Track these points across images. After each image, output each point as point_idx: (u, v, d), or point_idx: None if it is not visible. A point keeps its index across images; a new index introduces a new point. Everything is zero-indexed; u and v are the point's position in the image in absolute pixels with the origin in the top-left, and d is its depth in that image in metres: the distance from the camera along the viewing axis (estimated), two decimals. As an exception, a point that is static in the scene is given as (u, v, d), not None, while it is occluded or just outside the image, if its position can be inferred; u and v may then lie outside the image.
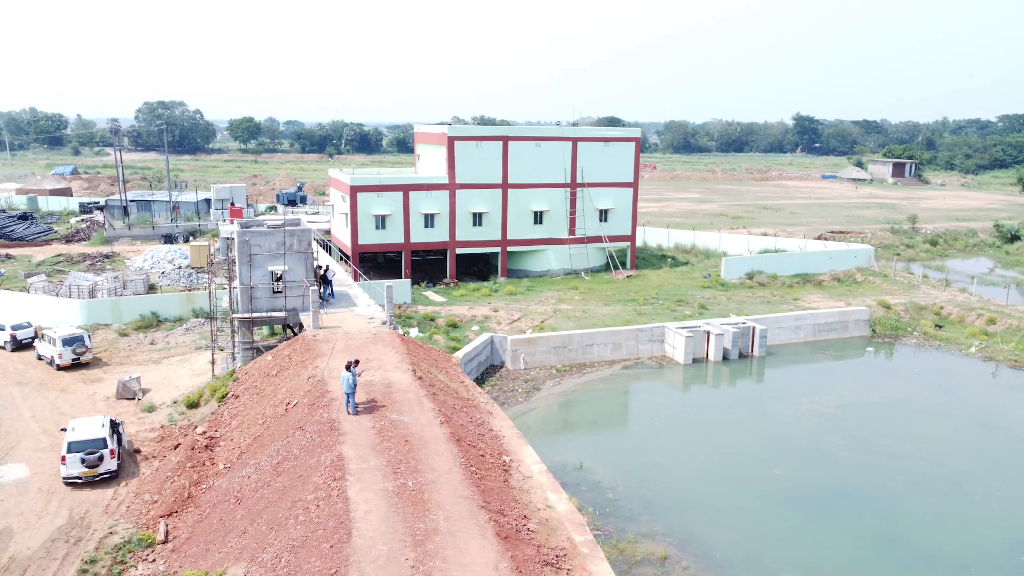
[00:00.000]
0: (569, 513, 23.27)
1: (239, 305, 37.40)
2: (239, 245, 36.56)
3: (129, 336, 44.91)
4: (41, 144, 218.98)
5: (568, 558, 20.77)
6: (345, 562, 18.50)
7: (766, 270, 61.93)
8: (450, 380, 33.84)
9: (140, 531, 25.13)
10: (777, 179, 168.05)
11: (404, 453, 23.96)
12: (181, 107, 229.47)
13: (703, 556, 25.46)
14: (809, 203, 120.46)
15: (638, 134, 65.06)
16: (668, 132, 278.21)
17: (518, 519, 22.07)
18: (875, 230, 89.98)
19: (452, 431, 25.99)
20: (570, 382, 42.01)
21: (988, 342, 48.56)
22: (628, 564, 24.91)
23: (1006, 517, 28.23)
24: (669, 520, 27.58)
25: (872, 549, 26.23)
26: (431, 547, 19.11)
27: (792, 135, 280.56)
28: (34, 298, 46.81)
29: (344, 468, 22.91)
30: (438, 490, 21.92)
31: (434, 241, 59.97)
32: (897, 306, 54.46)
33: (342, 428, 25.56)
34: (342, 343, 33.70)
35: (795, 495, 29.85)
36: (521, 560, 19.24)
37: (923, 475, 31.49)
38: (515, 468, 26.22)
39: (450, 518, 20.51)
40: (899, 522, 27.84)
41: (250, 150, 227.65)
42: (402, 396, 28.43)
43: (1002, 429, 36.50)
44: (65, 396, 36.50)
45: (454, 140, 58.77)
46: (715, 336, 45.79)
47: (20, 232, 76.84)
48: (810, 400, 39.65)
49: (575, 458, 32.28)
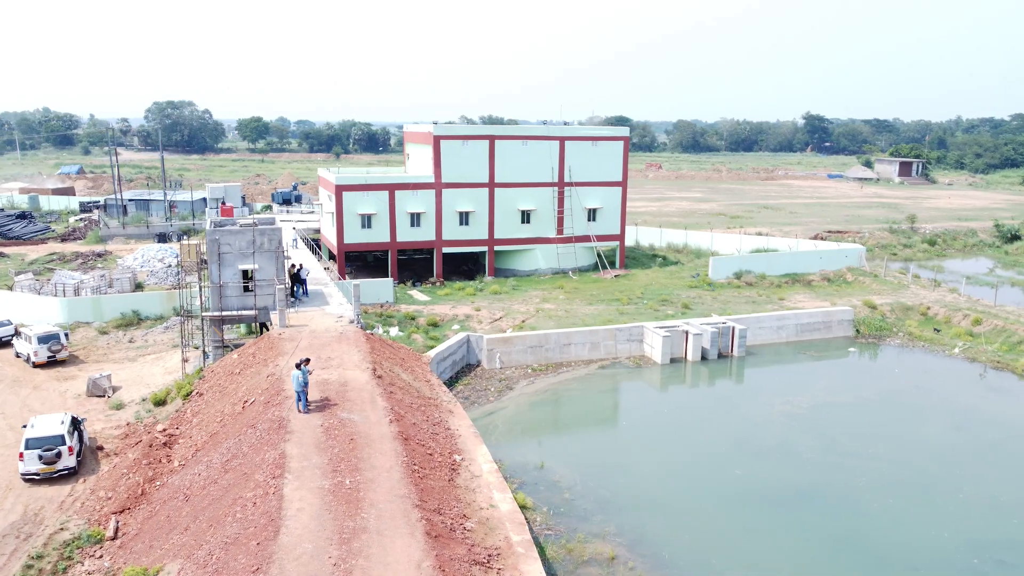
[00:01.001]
0: (511, 512, 23.22)
1: (210, 303, 37.58)
2: (209, 244, 36.76)
3: (109, 334, 45.25)
4: (52, 144, 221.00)
5: (501, 557, 20.73)
6: (269, 559, 18.55)
7: (755, 270, 61.59)
8: (414, 379, 33.87)
9: (91, 527, 25.27)
10: (782, 178, 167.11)
11: (347, 451, 24.00)
12: (190, 107, 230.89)
13: (651, 556, 25.34)
14: (811, 203, 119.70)
15: (627, 133, 64.90)
16: (677, 131, 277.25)
17: (456, 518, 22.06)
18: (873, 230, 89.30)
19: (401, 430, 26.01)
20: (544, 382, 41.94)
21: (972, 343, 48.08)
22: (575, 564, 24.82)
23: (965, 519, 27.93)
24: (622, 520, 27.47)
25: (824, 550, 26.03)
26: (356, 545, 19.13)
27: (802, 134, 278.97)
28: (16, 296, 47.26)
29: (284, 466, 22.99)
30: (374, 488, 21.95)
31: (420, 240, 60.04)
32: (883, 306, 54.02)
33: (290, 426, 25.64)
34: (306, 341, 33.80)
35: (753, 496, 29.64)
36: (448, 559, 19.22)
37: (887, 476, 31.20)
38: (464, 467, 26.21)
39: (381, 516, 20.53)
40: (855, 524, 27.60)
41: (258, 149, 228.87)
42: (356, 394, 28.47)
43: (975, 430, 36.12)
44: (37, 393, 36.81)
45: (440, 139, 58.82)
46: (693, 336, 45.58)
47: (18, 231, 77.58)
48: (783, 400, 39.40)
49: (537, 457, 32.22)
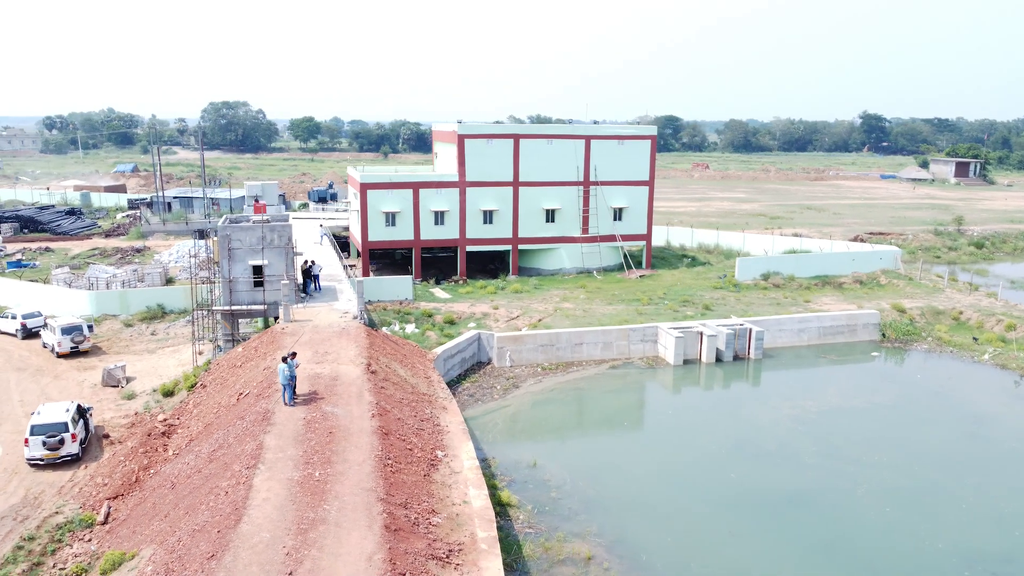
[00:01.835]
0: (483, 509, 23.30)
1: (221, 298, 38.49)
2: (220, 239, 37.65)
3: (133, 326, 46.68)
4: (113, 143, 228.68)
5: (462, 553, 20.82)
6: (225, 547, 18.97)
7: (783, 271, 60.38)
8: (412, 375, 34.17)
9: (84, 512, 26.17)
10: (832, 179, 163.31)
11: (323, 444, 24.37)
12: (244, 107, 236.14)
13: (629, 558, 25.11)
14: (857, 204, 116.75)
15: (654, 132, 64.27)
16: (728, 131, 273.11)
17: (423, 513, 22.21)
18: (918, 231, 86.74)
19: (382, 425, 26.28)
20: (552, 381, 41.85)
21: (1003, 349, 46.38)
22: (550, 563, 24.75)
23: (963, 530, 26.99)
24: (605, 521, 27.27)
25: (809, 557, 25.45)
26: (312, 536, 19.44)
27: (858, 134, 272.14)
28: (48, 289, 49.12)
29: (260, 457, 23.45)
30: (343, 481, 22.25)
31: (444, 238, 60.41)
32: (912, 310, 52.44)
33: (273, 418, 26.14)
34: (307, 336, 34.38)
35: (745, 500, 29.12)
36: (402, 552, 19.38)
37: (888, 484, 30.33)
38: (445, 463, 26.37)
39: (343, 509, 20.80)
40: (846, 531, 26.91)
41: (309, 149, 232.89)
42: (345, 389, 28.87)
43: (989, 439, 34.86)
44: (57, 382, 38.21)
45: (464, 138, 59.10)
46: (708, 337, 44.94)
47: (66, 227, 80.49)
48: (792, 404, 38.59)
49: (531, 456, 32.16)
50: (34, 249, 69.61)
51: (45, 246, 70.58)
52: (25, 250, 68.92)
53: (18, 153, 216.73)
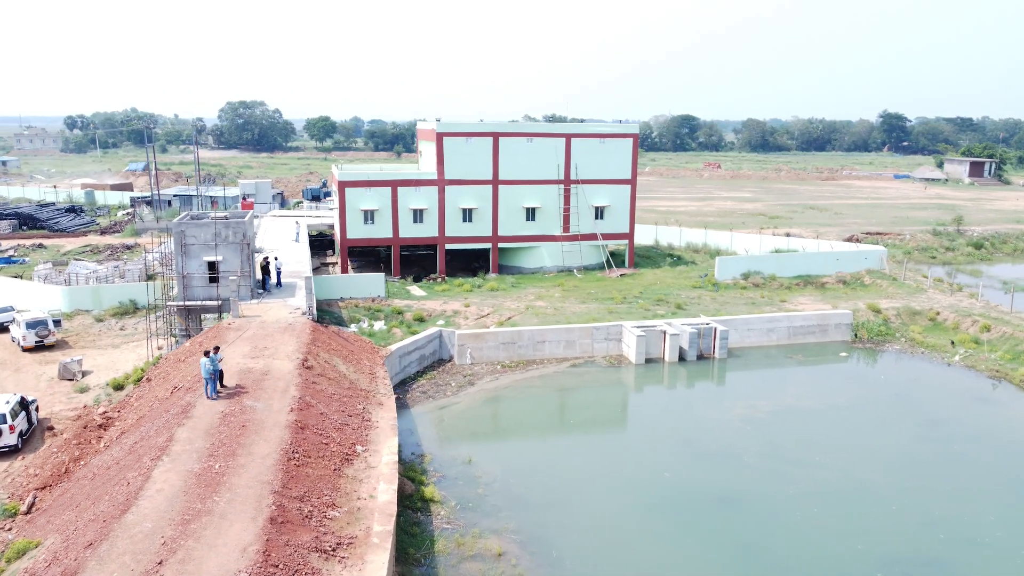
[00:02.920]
0: (385, 504, 23.37)
1: (176, 294, 38.94)
2: (175, 236, 38.10)
3: (104, 321, 47.31)
4: (132, 142, 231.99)
5: (352, 547, 20.90)
6: (106, 536, 19.23)
7: (764, 271, 59.83)
8: (355, 371, 34.34)
9: (11, 502, 26.60)
10: (844, 179, 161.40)
11: (233, 437, 24.58)
12: (261, 107, 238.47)
13: (540, 555, 25.06)
14: (863, 204, 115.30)
15: (636, 131, 64.01)
16: (745, 130, 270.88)
17: (321, 506, 22.33)
18: (916, 231, 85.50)
19: (299, 419, 26.46)
20: (508, 378, 41.84)
21: (976, 350, 45.61)
22: (460, 558, 24.77)
23: (885, 533, 26.60)
24: (526, 518, 27.23)
25: (722, 557, 25.23)
26: (194, 527, 19.62)
27: (878, 134, 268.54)
28: (23, 284, 49.96)
29: (167, 449, 23.72)
30: (242, 474, 22.43)
31: (423, 236, 60.61)
32: (888, 310, 51.73)
33: (192, 412, 26.42)
34: (252, 331, 34.68)
35: (673, 500, 28.92)
36: (282, 544, 19.50)
37: (823, 485, 29.97)
38: (363, 458, 26.48)
39: (233, 501, 20.98)
40: (766, 532, 26.65)
41: (325, 148, 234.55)
42: (272, 383, 29.10)
43: (938, 442, 34.30)
44: (16, 375, 38.85)
45: (443, 136, 59.26)
46: (670, 336, 44.67)
47: (64, 224, 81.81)
48: (745, 404, 38.23)
49: (467, 453, 32.20)
50: (28, 246, 70.86)
51: (39, 243, 71.82)
52: (19, 246, 70.19)
53: (39, 152, 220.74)
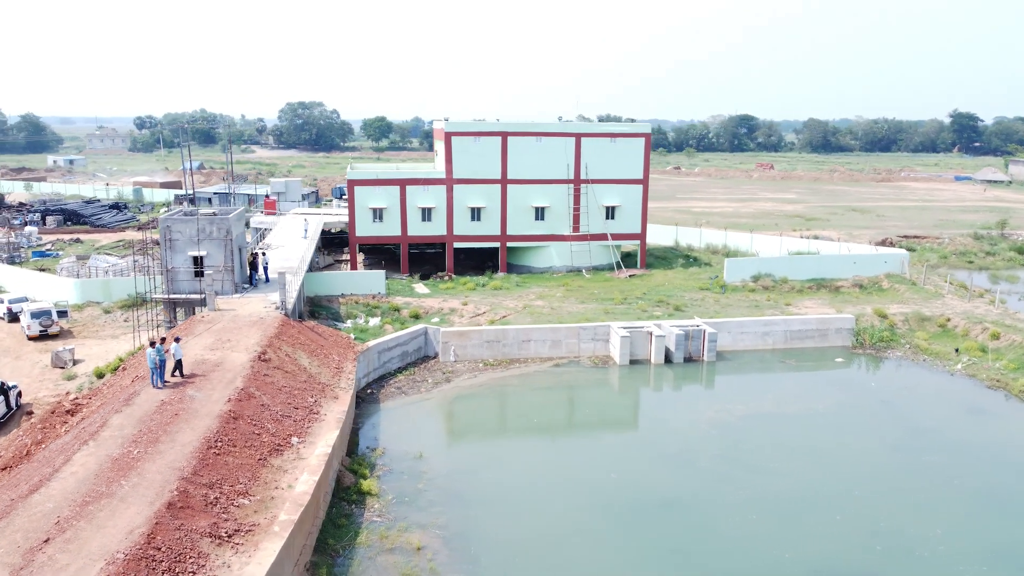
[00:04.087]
0: (300, 495, 23.82)
1: (164, 287, 40.32)
2: (161, 231, 39.45)
3: (112, 313, 49.25)
4: (197, 142, 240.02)
5: (250, 534, 21.40)
6: (7, 514, 20.17)
7: (776, 273, 58.43)
8: (319, 365, 34.99)
9: (-29, 481, 28.01)
10: (902, 180, 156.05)
11: (163, 425, 25.40)
12: (319, 107, 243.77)
13: (459, 551, 25.16)
14: (911, 206, 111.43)
15: (648, 130, 63.29)
16: (806, 131, 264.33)
17: (231, 494, 22.91)
18: (956, 235, 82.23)
19: (235, 409, 27.14)
20: (486, 376, 41.98)
21: (980, 358, 43.72)
22: (378, 551, 25.06)
23: (821, 543, 25.81)
24: (459, 514, 27.34)
25: (647, 562, 24.89)
26: (91, 508, 20.39)
27: (948, 134, 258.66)
28: (38, 276, 52.41)
29: (97, 435, 24.69)
30: (157, 460, 23.18)
31: (431, 235, 61.18)
32: (896, 316, 49.97)
33: (135, 400, 27.39)
34: (222, 324, 35.68)
35: (613, 502, 28.60)
36: (173, 528, 20.08)
37: (772, 492, 29.24)
38: (295, 450, 27.03)
39: (138, 485, 21.71)
40: (698, 537, 26.18)
41: (380, 148, 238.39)
42: (221, 375, 29.91)
43: (912, 451, 33.03)
44: (15, 362, 40.83)
45: (451, 136, 59.73)
46: (656, 338, 44.11)
47: (106, 220, 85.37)
48: (718, 409, 37.52)
49: (419, 448, 32.47)
50: (66, 240, 74.18)
51: (76, 237, 75.10)
52: (57, 241, 73.53)
53: (109, 151, 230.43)
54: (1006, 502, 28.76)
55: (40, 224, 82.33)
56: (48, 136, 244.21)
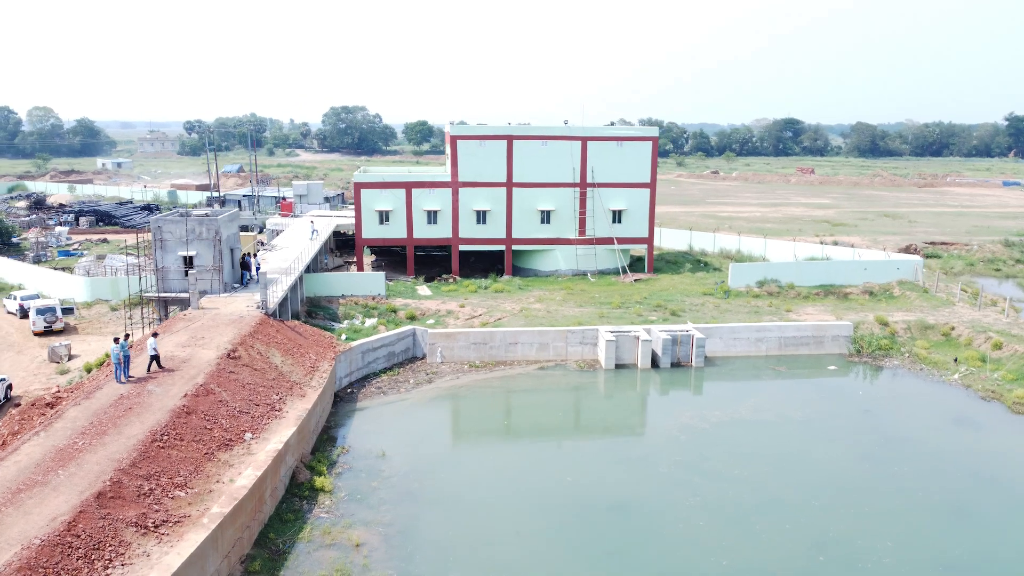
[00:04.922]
0: (238, 489, 24.42)
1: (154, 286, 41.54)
2: (152, 232, 40.67)
3: (118, 311, 50.85)
4: (244, 145, 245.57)
5: (178, 525, 22.04)
6: (-57, 500, 21.12)
7: (783, 279, 57.53)
8: (292, 363, 35.68)
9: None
10: (945, 185, 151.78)
11: (115, 418, 26.27)
12: (362, 111, 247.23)
13: (397, 548, 25.45)
14: (947, 211, 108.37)
15: (655, 133, 62.88)
16: (854, 134, 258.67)
17: (167, 486, 23.61)
18: (986, 242, 79.78)
19: (190, 404, 27.90)
20: (469, 378, 42.24)
21: (979, 369, 42.47)
22: (318, 547, 25.50)
23: (760, 550, 25.43)
24: (406, 513, 27.65)
25: (583, 563, 24.86)
26: (22, 496, 21.24)
27: (1003, 138, 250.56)
28: (51, 274, 54.35)
29: (50, 426, 25.66)
30: (99, 451, 24.00)
31: (437, 237, 61.75)
32: (898, 323, 48.79)
33: (96, 394, 28.38)
34: (202, 322, 36.64)
35: (563, 505, 28.58)
36: (97, 517, 20.81)
37: (725, 497, 28.89)
38: (246, 446, 27.66)
39: (74, 475, 22.52)
40: (640, 541, 26.02)
41: (420, 151, 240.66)
42: (186, 371, 30.76)
43: (882, 461, 32.25)
44: (17, 356, 42.50)
45: (456, 139, 60.24)
46: (643, 342, 43.85)
47: (136, 221, 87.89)
48: (694, 414, 37.16)
49: (382, 447, 32.88)
50: (94, 240, 76.74)
51: (104, 237, 77.62)
52: (85, 241, 76.12)
53: (159, 155, 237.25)
54: (967, 515, 27.95)
55: (73, 224, 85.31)
56: (102, 140, 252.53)
